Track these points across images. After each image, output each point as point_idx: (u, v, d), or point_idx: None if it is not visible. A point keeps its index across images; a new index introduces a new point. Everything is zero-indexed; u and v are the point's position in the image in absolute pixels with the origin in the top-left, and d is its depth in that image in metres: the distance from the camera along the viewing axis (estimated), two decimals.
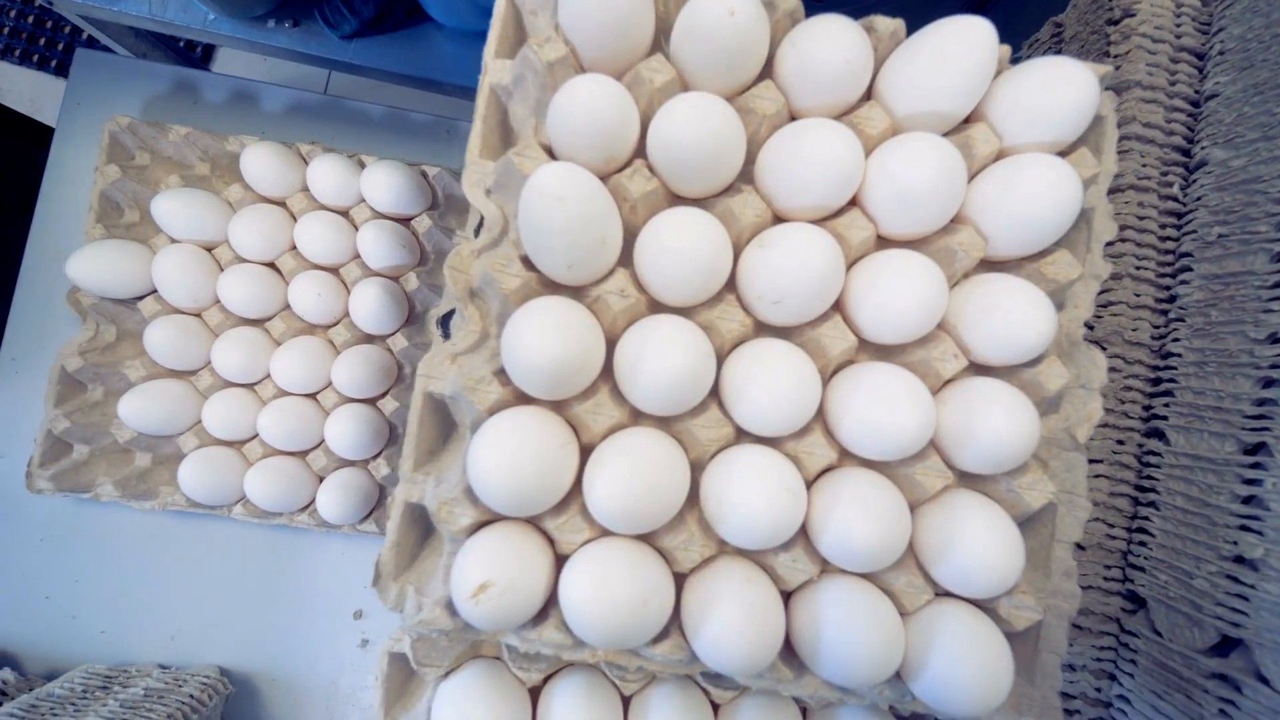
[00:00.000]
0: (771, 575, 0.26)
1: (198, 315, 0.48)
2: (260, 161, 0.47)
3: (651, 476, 0.24)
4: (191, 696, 0.44)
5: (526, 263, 0.27)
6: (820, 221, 0.27)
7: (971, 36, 0.25)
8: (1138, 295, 0.36)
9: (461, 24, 0.90)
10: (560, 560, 0.26)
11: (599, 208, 0.24)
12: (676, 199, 0.28)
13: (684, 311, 0.27)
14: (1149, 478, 0.35)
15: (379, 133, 0.56)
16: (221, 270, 0.48)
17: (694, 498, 0.27)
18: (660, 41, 0.29)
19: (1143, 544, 0.34)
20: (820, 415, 0.27)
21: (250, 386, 0.48)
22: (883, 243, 0.28)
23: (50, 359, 0.50)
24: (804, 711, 0.30)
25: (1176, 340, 0.35)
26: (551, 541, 0.26)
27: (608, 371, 0.27)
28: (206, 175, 0.51)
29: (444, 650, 0.32)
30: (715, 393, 0.27)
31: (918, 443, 0.25)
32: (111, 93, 0.54)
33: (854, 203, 0.27)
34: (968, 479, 0.28)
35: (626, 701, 0.30)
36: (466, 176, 0.29)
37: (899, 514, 0.25)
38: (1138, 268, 0.36)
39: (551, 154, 0.28)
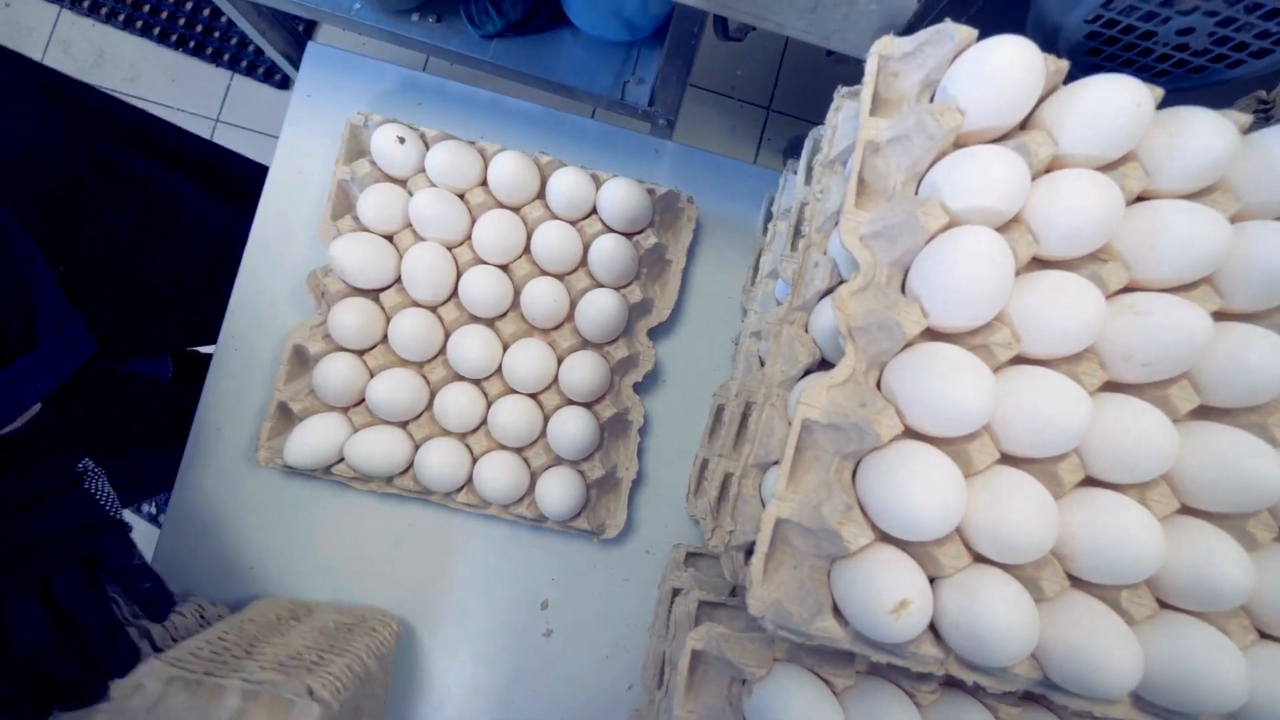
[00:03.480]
0: (1117, 609, 0.29)
1: (434, 310, 0.50)
2: (506, 170, 0.49)
3: (1040, 513, 0.27)
4: (374, 630, 0.45)
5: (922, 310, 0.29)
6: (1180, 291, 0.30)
7: None
8: None
9: (604, 33, 0.93)
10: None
11: (1011, 268, 0.27)
12: (1043, 262, 0.31)
13: (1049, 363, 0.30)
14: None
15: (594, 149, 0.58)
16: (460, 270, 0.50)
17: None
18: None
19: None
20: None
21: (478, 382, 0.50)
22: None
23: (269, 342, 0.52)
24: None
25: None
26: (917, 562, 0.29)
27: None
28: None
29: (751, 653, 0.35)
30: None
31: None
32: (338, 89, 0.56)
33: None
34: None
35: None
36: (844, 224, 0.31)
37: None
38: None
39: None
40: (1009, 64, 0.28)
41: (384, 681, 0.47)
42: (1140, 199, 0.31)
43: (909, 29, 0.36)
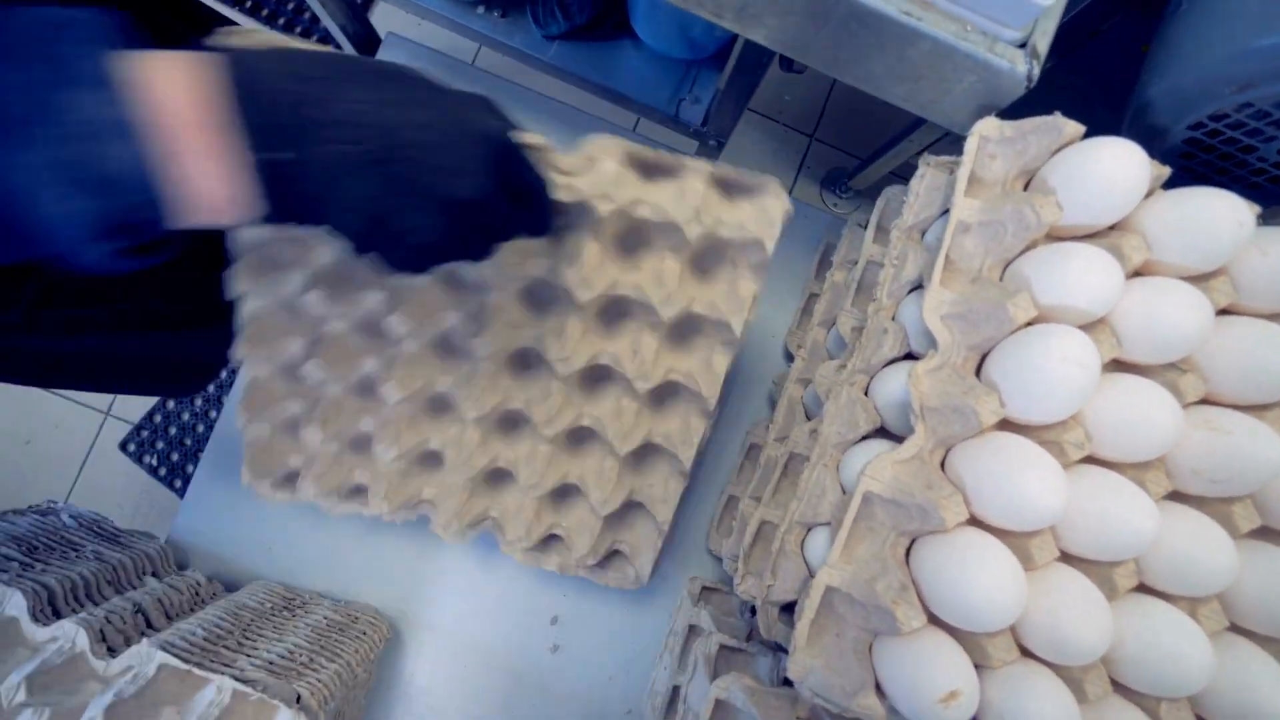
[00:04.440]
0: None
1: None
2: None
3: (1096, 616, 0.27)
4: (364, 634, 0.45)
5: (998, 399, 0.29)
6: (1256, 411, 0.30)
7: None
8: None
9: (666, 49, 0.93)
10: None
11: (1097, 374, 0.27)
12: (1121, 364, 0.31)
13: (1117, 466, 0.30)
14: None
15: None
16: None
17: None
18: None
19: None
20: None
21: None
22: None
23: None
24: None
25: None
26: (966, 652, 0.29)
27: None
28: None
29: (776, 709, 0.35)
30: None
31: None
32: None
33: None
34: None
35: None
36: (928, 302, 0.31)
37: None
38: None
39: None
40: (1116, 167, 0.28)
41: (367, 685, 0.47)
42: (1224, 312, 0.31)
43: (1005, 111, 0.36)
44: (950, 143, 0.84)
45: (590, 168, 0.36)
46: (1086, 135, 0.30)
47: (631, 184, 0.37)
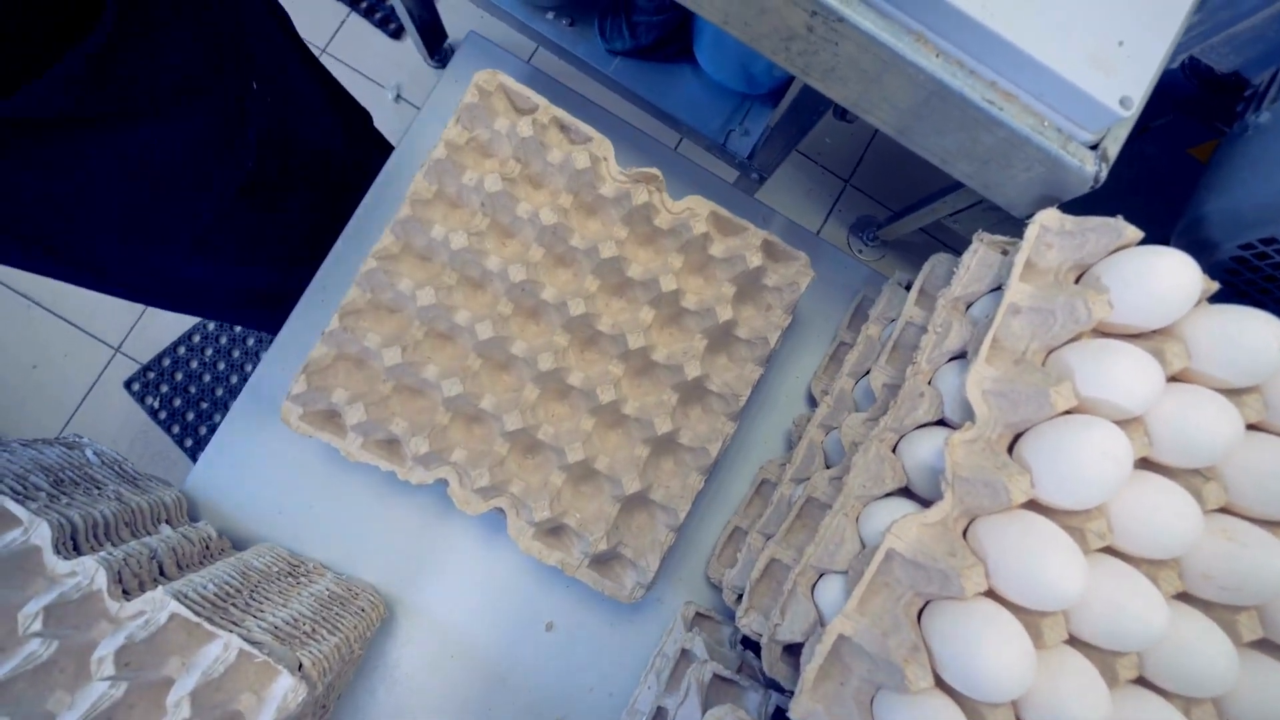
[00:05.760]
0: None
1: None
2: None
3: (1097, 703, 0.28)
4: (363, 611, 0.46)
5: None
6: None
7: None
8: None
9: (724, 80, 0.95)
10: None
11: (1129, 470, 0.29)
12: (1148, 462, 0.32)
13: (1131, 559, 0.31)
14: None
15: (685, 186, 0.59)
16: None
17: None
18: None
19: None
20: None
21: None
22: None
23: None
24: None
25: None
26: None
27: None
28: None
29: None
30: None
31: None
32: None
33: None
34: None
35: None
36: (971, 376, 0.33)
37: None
38: None
39: None
40: (1170, 278, 0.30)
41: (358, 662, 0.47)
42: (1253, 427, 0.32)
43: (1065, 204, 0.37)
44: (984, 210, 0.86)
45: (690, 212, 0.47)
46: (1126, 220, 0.32)
47: (710, 227, 0.48)
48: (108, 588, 0.36)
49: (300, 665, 0.37)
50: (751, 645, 0.49)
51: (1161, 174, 0.67)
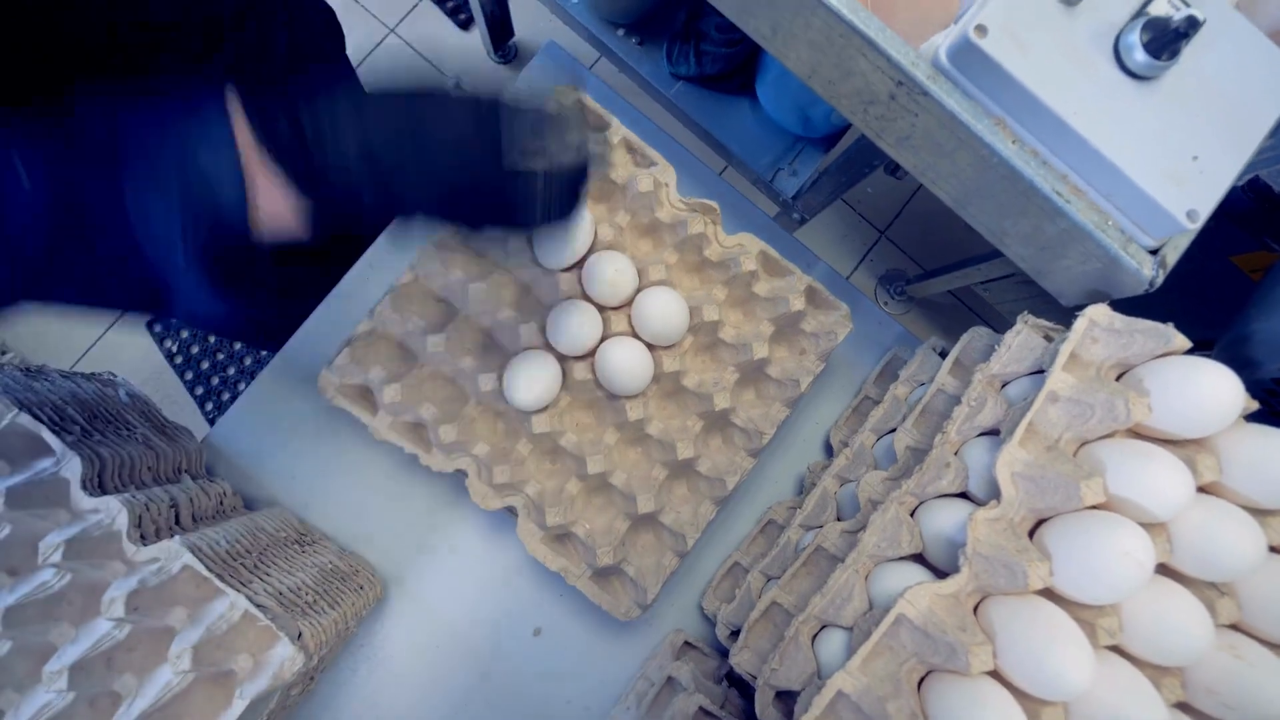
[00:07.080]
0: None
1: None
2: None
3: None
4: (361, 589, 0.46)
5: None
6: None
7: None
8: None
9: (781, 119, 0.96)
10: None
11: (1150, 574, 0.29)
12: (1167, 570, 0.33)
13: (1138, 662, 0.31)
14: None
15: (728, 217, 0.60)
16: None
17: None
18: None
19: None
20: None
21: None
22: None
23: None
24: None
25: None
26: None
27: None
28: None
29: None
30: None
31: None
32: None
33: None
34: None
35: None
36: (1003, 457, 0.33)
37: None
38: None
39: None
40: (1213, 392, 0.30)
41: (346, 639, 0.48)
42: (1274, 549, 0.33)
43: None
44: (1016, 283, 0.87)
45: (740, 248, 0.49)
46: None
47: (758, 265, 0.49)
48: (127, 530, 0.36)
49: (300, 634, 0.38)
50: (737, 683, 0.49)
51: (1202, 276, 0.68)
